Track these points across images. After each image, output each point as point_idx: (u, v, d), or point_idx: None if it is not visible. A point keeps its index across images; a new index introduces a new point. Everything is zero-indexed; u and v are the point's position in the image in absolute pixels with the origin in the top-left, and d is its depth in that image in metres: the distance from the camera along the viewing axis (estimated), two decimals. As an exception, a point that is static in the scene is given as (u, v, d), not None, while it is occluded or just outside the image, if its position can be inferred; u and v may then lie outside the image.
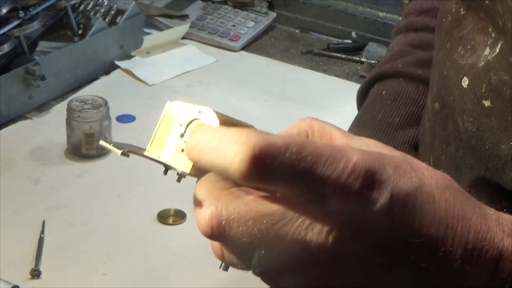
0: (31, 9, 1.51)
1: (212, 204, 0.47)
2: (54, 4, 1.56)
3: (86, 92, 1.52)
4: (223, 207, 0.47)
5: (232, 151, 0.45)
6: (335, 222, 0.46)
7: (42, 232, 1.16)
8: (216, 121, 0.50)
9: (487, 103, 0.61)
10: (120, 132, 1.42)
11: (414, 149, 0.88)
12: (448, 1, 0.70)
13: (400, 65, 0.92)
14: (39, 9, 1.52)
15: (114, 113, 1.41)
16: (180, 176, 0.51)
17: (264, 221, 0.46)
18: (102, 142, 0.54)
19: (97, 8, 1.69)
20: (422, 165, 0.50)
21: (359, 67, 1.72)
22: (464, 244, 0.48)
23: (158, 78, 1.62)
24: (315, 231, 0.46)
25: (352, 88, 1.62)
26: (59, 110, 1.47)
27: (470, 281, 0.48)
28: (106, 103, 1.35)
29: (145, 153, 0.54)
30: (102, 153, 1.36)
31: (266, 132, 0.48)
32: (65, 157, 1.36)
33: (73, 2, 1.62)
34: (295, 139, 0.46)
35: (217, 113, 0.51)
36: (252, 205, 0.46)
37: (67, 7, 1.60)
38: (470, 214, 0.49)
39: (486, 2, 0.61)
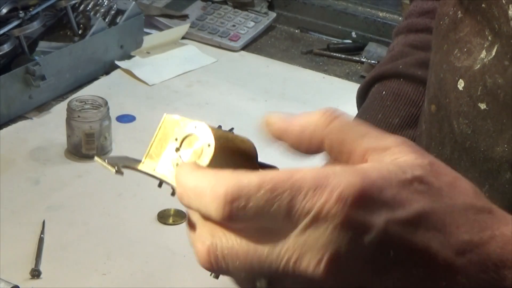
0: (31, 9, 1.51)
1: (208, 239, 0.48)
2: (54, 4, 1.57)
3: (86, 92, 1.52)
4: (217, 243, 0.47)
5: (208, 199, 0.46)
6: (322, 255, 0.45)
7: (42, 232, 1.17)
8: (211, 137, 0.51)
9: (482, 106, 0.61)
10: (120, 132, 1.42)
11: None
12: (445, 4, 0.70)
13: (400, 66, 0.92)
14: (39, 9, 1.52)
15: (114, 113, 1.41)
16: (174, 190, 0.52)
17: (255, 257, 0.46)
18: (96, 159, 0.54)
19: (97, 8, 1.69)
20: (447, 179, 0.47)
21: (359, 67, 1.72)
22: (476, 275, 0.45)
23: (158, 78, 1.62)
24: (302, 266, 0.45)
25: (352, 88, 1.62)
26: (59, 110, 1.47)
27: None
28: (106, 103, 1.35)
29: (140, 166, 0.54)
30: (102, 153, 1.36)
31: (242, 172, 0.47)
32: (65, 157, 1.36)
33: (73, 2, 1.62)
34: (271, 175, 0.46)
35: (212, 129, 0.51)
36: (243, 241, 0.47)
37: (67, 7, 1.60)
38: (488, 237, 0.46)
39: (483, 5, 0.61)
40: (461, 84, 0.63)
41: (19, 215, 1.21)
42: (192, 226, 0.50)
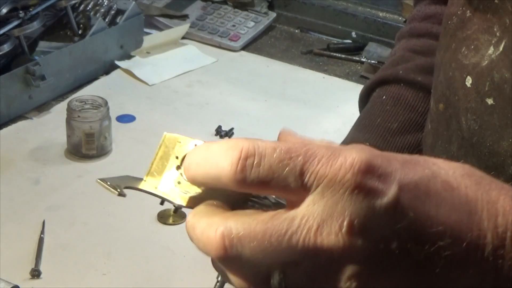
0: (31, 9, 1.51)
1: (221, 225, 0.47)
2: (54, 4, 1.57)
3: (86, 92, 1.52)
4: (232, 226, 0.47)
5: (221, 157, 0.47)
6: (342, 221, 0.45)
7: (42, 232, 1.16)
8: None
9: (490, 101, 0.61)
10: (120, 132, 1.42)
11: None
12: (453, 4, 0.70)
13: (400, 71, 0.93)
14: (39, 9, 1.52)
15: (114, 113, 1.41)
16: (177, 208, 0.53)
17: (274, 233, 0.46)
18: (99, 182, 0.55)
19: (97, 8, 1.69)
20: (437, 159, 0.48)
21: (359, 67, 1.72)
22: (494, 228, 0.46)
23: (158, 78, 1.62)
24: (324, 234, 0.45)
25: (352, 88, 1.62)
26: (59, 110, 1.47)
27: (506, 266, 0.46)
28: (106, 103, 1.35)
29: (142, 185, 0.55)
30: (102, 153, 1.36)
31: (254, 140, 0.48)
32: (65, 157, 1.36)
33: (73, 2, 1.62)
34: (289, 142, 0.47)
35: None
36: (259, 219, 0.46)
37: (67, 7, 1.60)
38: (496, 196, 0.47)
39: (496, 1, 0.61)
40: (468, 81, 0.63)
41: (19, 215, 1.21)
42: (194, 224, 0.49)
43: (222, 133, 1.43)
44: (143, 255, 1.15)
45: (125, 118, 1.48)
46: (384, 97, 0.93)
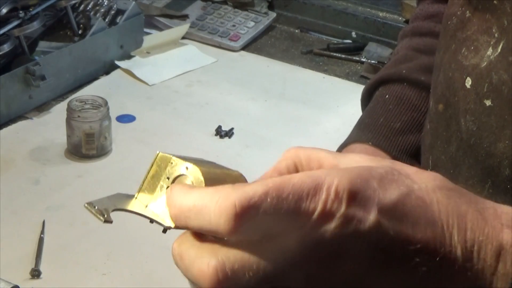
0: (31, 9, 1.51)
1: (212, 257, 0.47)
2: (54, 4, 1.57)
3: (86, 92, 1.52)
4: (224, 259, 0.47)
5: (215, 214, 0.46)
6: (329, 249, 0.46)
7: (42, 232, 1.16)
8: (201, 180, 0.51)
9: (488, 102, 0.61)
10: (120, 132, 1.42)
11: (412, 156, 0.88)
12: (453, 4, 0.70)
13: (404, 70, 0.93)
14: (39, 9, 1.52)
15: (114, 113, 1.41)
16: (165, 229, 0.53)
17: (269, 263, 0.46)
18: (86, 206, 0.55)
19: (97, 8, 1.69)
20: (411, 170, 0.50)
21: (359, 67, 1.72)
22: (463, 242, 0.48)
23: (158, 78, 1.62)
24: (310, 266, 0.47)
25: (352, 88, 1.62)
26: (59, 110, 1.47)
27: (473, 278, 0.48)
28: (106, 103, 1.35)
29: (131, 205, 0.55)
30: (102, 153, 1.36)
31: (242, 184, 0.48)
32: (65, 157, 1.36)
33: (73, 2, 1.62)
34: (273, 182, 0.47)
35: (203, 172, 0.51)
36: (251, 251, 0.47)
37: (67, 7, 1.60)
38: (465, 210, 0.48)
39: (495, 2, 0.61)
40: (468, 82, 0.64)
41: (19, 215, 1.21)
42: (182, 254, 0.49)
43: (222, 133, 1.43)
44: (143, 255, 1.15)
45: (125, 118, 1.48)
46: (387, 96, 0.93)
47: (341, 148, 0.91)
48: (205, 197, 0.47)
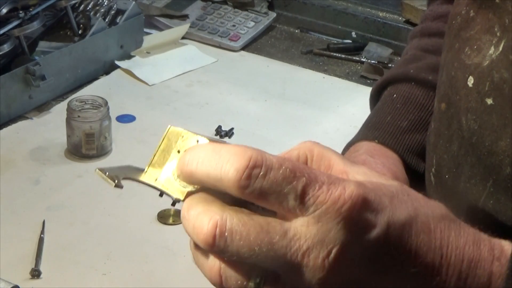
0: (31, 9, 1.51)
1: (217, 214, 0.47)
2: (54, 4, 1.57)
3: (86, 92, 1.52)
4: (228, 218, 0.47)
5: (228, 161, 0.47)
6: (332, 248, 0.46)
7: (42, 232, 1.16)
8: None
9: (489, 101, 0.62)
10: (120, 132, 1.42)
11: (418, 155, 0.88)
12: (458, 4, 0.71)
13: (412, 70, 0.94)
14: (39, 9, 1.52)
15: (114, 113, 1.41)
16: (175, 201, 0.53)
17: (265, 239, 0.46)
18: (97, 171, 0.56)
19: (97, 8, 1.69)
20: (419, 195, 0.51)
21: (359, 67, 1.72)
22: (458, 273, 0.49)
23: (158, 78, 1.62)
24: (311, 257, 0.47)
25: (352, 88, 1.63)
26: (59, 110, 1.47)
27: None
28: (106, 103, 1.35)
29: (142, 176, 0.55)
30: (102, 153, 1.36)
31: (263, 152, 0.49)
32: (65, 157, 1.36)
33: (73, 2, 1.62)
34: (291, 162, 0.47)
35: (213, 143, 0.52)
36: (256, 220, 0.47)
37: (67, 7, 1.60)
38: (463, 243, 0.50)
39: (497, 0, 0.61)
40: (470, 81, 0.64)
41: (19, 215, 1.21)
42: (191, 206, 0.49)
43: (222, 133, 1.43)
44: (143, 255, 1.15)
45: (125, 118, 1.48)
46: (394, 95, 0.94)
47: (348, 147, 0.92)
48: (224, 147, 0.48)
